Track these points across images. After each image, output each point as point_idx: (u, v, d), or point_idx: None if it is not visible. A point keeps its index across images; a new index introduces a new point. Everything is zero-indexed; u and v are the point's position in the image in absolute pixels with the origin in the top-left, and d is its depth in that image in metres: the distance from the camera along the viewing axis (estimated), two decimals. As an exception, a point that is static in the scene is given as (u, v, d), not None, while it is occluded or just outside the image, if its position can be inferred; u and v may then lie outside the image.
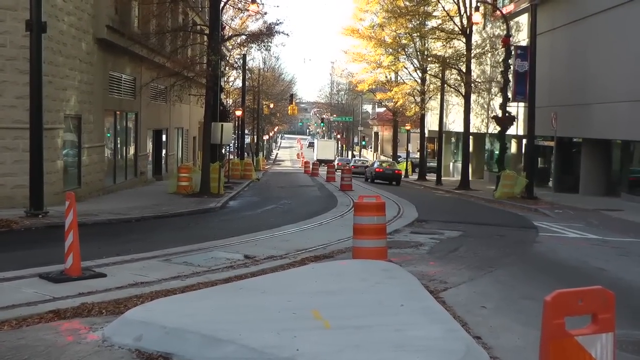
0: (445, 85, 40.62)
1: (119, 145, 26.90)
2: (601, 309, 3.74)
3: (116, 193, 24.95)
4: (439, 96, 43.69)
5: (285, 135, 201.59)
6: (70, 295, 8.40)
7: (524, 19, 36.37)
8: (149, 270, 10.50)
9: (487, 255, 13.11)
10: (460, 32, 37.80)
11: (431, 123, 54.70)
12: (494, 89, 37.74)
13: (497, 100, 35.22)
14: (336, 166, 54.60)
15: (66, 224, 9.41)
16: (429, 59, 42.49)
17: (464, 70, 37.24)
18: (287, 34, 33.35)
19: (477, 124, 42.90)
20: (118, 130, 26.68)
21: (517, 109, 35.38)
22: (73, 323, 7.12)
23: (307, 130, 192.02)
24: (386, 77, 52.72)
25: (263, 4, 40.73)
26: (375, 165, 45.25)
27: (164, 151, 34.23)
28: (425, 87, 46.10)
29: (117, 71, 25.91)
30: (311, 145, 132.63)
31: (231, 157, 48.20)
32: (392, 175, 42.80)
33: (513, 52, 31.84)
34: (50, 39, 18.61)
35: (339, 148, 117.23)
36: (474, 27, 38.49)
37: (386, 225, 11.93)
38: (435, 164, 46.89)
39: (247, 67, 48.69)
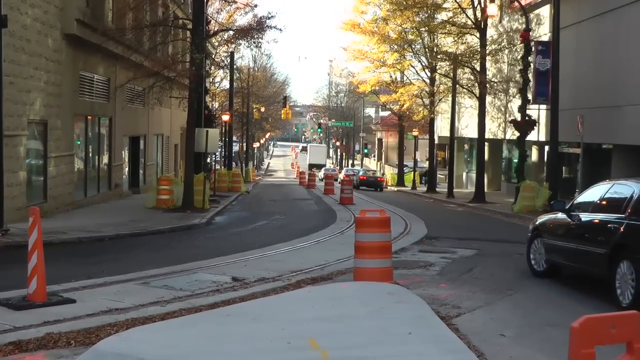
0: (457, 86, 40.72)
1: (90, 154, 26.86)
2: (637, 337, 3.71)
3: (87, 208, 24.90)
4: (450, 98, 43.77)
5: (278, 143, 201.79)
6: (34, 324, 8.34)
7: (545, 11, 36.50)
8: (125, 295, 10.46)
9: (505, 276, 13.09)
10: (473, 26, 37.92)
11: (441, 128, 54.76)
12: (512, 90, 37.81)
13: (516, 103, 35.29)
14: (340, 178, 54.65)
15: (29, 243, 9.37)
16: (438, 57, 42.61)
17: (478, 68, 37.33)
18: (280, 29, 33.54)
19: (493, 129, 42.96)
20: (90, 137, 26.65)
21: (538, 112, 35.45)
22: (37, 356, 7.08)
23: (303, 137, 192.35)
24: (391, 77, 52.86)
25: (252, -5, 40.83)
26: (360, 174, 57.65)
27: (141, 160, 34.20)
28: (435, 88, 46.21)
29: (89, 71, 25.92)
30: (304, 150, 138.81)
31: (217, 167, 48.14)
32: (374, 182, 54.64)
33: (533, 49, 31.92)
34: (11, 35, 18.62)
35: (338, 157, 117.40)
36: (489, 21, 38.62)
37: (392, 243, 11.90)
38: (446, 174, 46.90)
39: (235, 66, 48.74)
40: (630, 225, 10.26)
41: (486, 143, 40.58)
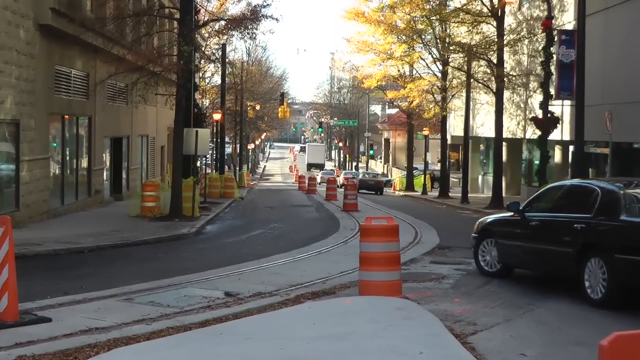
0: (472, 80, 40.71)
1: (67, 158, 26.87)
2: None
3: (65, 217, 24.90)
4: (464, 94, 43.78)
5: (275, 144, 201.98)
6: (4, 346, 8.34)
7: (569, -3, 36.54)
8: (106, 312, 10.45)
9: (525, 290, 13.09)
10: (489, 14, 37.95)
11: (455, 127, 54.73)
12: (533, 84, 37.82)
13: (537, 98, 35.31)
14: (339, 181, 54.77)
15: None
16: (451, 48, 42.61)
17: (494, 61, 37.35)
18: (277, 19, 33.23)
19: (512, 127, 42.95)
20: (67, 139, 26.66)
21: (562, 108, 35.45)
22: (9, 380, 7.07)
23: (302, 137, 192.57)
24: (399, 70, 52.88)
25: (246, -19, 40.83)
26: (360, 177, 63.18)
27: (124, 164, 34.21)
28: (447, 83, 46.21)
29: (66, 65, 25.94)
30: (303, 150, 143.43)
31: (208, 171, 48.15)
32: (374, 185, 58.29)
33: (556, 38, 31.92)
34: (-19, 26, 18.63)
35: (341, 159, 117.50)
36: (507, 8, 38.64)
37: (400, 253, 11.90)
38: (460, 177, 46.88)
39: (227, 60, 48.75)
40: (599, 225, 11.69)
41: (504, 143, 40.59)
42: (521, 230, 13.58)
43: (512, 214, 14.03)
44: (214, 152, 54.34)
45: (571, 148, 34.11)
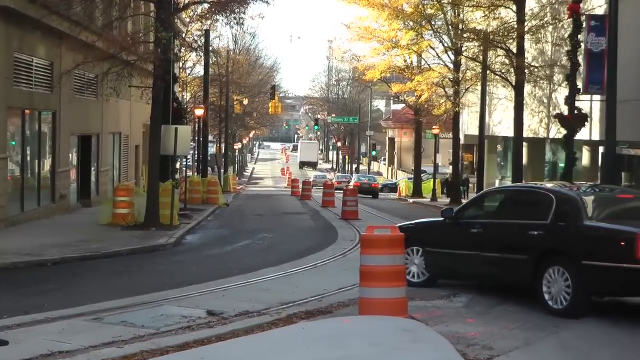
0: (488, 72, 40.73)
1: (28, 158, 26.84)
2: None
3: (25, 225, 24.83)
4: (479, 87, 43.81)
5: (265, 144, 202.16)
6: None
7: (598, -22, 36.60)
8: (72, 333, 10.42)
9: (546, 309, 13.02)
10: (509, -3, 37.96)
11: (468, 125, 54.74)
12: (557, 77, 37.83)
13: (562, 92, 35.30)
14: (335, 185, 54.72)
15: (-48, 269, 9.34)
16: (465, 35, 42.61)
17: (514, 50, 37.32)
18: (267, 2, 33.57)
19: (534, 125, 42.96)
20: (27, 137, 26.63)
21: (591, 103, 35.46)
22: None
23: (296, 136, 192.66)
24: (405, 61, 52.91)
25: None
26: (354, 180, 69.05)
27: (93, 166, 34.18)
28: (460, 75, 46.25)
29: (26, 53, 25.91)
30: (296, 149, 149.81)
31: (189, 173, 48.13)
32: (369, 189, 63.22)
33: (584, 24, 31.92)
34: None
35: (340, 161, 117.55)
36: (529, -10, 38.67)
37: (406, 267, 11.89)
38: (475, 182, 46.86)
39: (211, 48, 48.79)
40: (560, 231, 12.58)
41: (524, 143, 40.57)
42: (459, 237, 14.27)
43: (442, 219, 14.70)
44: (196, 152, 54.31)
45: (601, 149, 34.13)
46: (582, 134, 34.02)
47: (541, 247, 12.67)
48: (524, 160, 41.33)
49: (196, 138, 51.55)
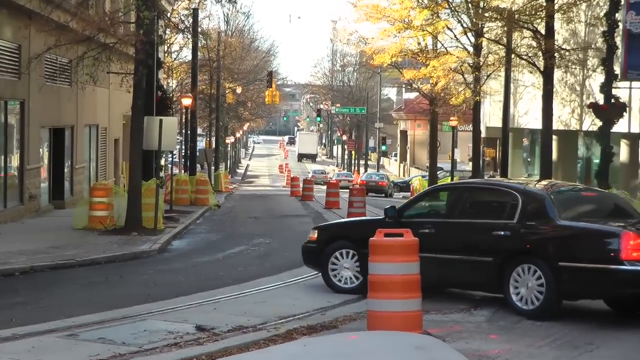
0: (514, 56, 40.66)
1: (-6, 154, 26.87)
2: None
3: (-9, 229, 24.87)
4: (502, 73, 43.73)
5: (262, 137, 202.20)
6: None
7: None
8: (43, 352, 10.40)
9: (582, 323, 13.06)
10: (536, -29, 37.93)
11: (490, 116, 54.71)
12: (592, 61, 37.82)
13: (597, 79, 35.29)
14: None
15: None
16: (486, 15, 42.54)
17: (542, 31, 37.30)
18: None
19: (565, 116, 42.94)
20: (-6, 130, 26.67)
21: (630, 91, 35.45)
22: None
23: (296, 128, 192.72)
24: (419, 43, 52.77)
25: None
26: (362, 178, 75.21)
27: (67, 162, 34.18)
28: (482, 59, 46.16)
29: (-8, 35, 25.95)
30: (292, 141, 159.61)
31: (175, 171, 48.12)
32: (375, 187, 67.88)
33: (623, 2, 31.89)
34: None
35: (346, 157, 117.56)
36: (559, -36, 38.63)
37: (420, 276, 11.87)
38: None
39: (199, 30, 48.69)
40: (531, 231, 13.38)
41: (554, 136, 40.56)
42: None
43: (383, 218, 15.21)
44: (183, 147, 54.27)
45: (641, 143, 34.13)
46: (619, 126, 33.96)
47: (509, 248, 13.49)
48: (554, 155, 41.27)
49: (183, 131, 51.50)
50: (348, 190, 40.73)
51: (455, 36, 49.86)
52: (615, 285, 12.62)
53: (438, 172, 61.81)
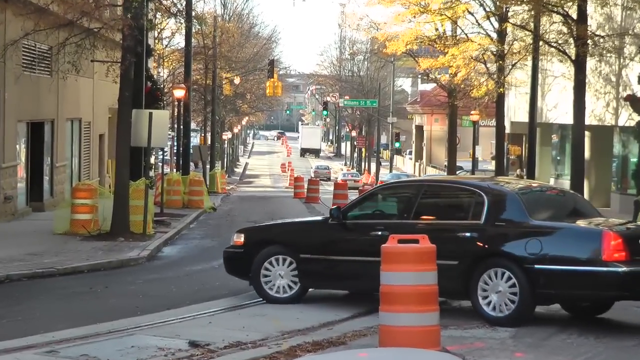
0: (541, 44, 40.63)
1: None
2: None
3: (-37, 234, 24.88)
4: (529, 63, 43.70)
5: (262, 133, 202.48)
6: None
7: None
8: (19, 370, 10.40)
9: (617, 341, 13.02)
10: (567, -51, 37.87)
11: (516, 110, 54.66)
12: (629, 49, 37.72)
13: (635, 69, 35.27)
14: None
15: None
16: (511, -2, 42.57)
17: (574, 16, 37.25)
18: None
19: (599, 110, 42.87)
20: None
21: (671, 82, 35.40)
22: None
23: (300, 122, 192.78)
24: (437, 29, 52.75)
25: None
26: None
27: (47, 160, 34.21)
28: (506, 47, 46.14)
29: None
30: (283, 135, 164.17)
31: (167, 170, 48.19)
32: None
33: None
34: None
35: (356, 155, 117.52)
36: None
37: (438, 287, 11.82)
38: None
39: (194, 14, 48.74)
40: (501, 232, 13.69)
41: (587, 132, 40.51)
42: (354, 242, 14.97)
43: (323, 220, 15.43)
44: (175, 143, 54.33)
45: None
46: (659, 122, 33.98)
47: (477, 251, 13.76)
48: (587, 154, 41.23)
49: (175, 126, 51.56)
50: (357, 192, 40.65)
51: (477, 21, 49.82)
52: (596, 288, 13.08)
53: (458, 172, 61.73)
